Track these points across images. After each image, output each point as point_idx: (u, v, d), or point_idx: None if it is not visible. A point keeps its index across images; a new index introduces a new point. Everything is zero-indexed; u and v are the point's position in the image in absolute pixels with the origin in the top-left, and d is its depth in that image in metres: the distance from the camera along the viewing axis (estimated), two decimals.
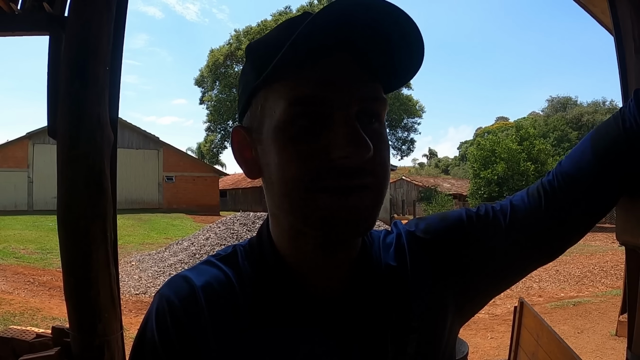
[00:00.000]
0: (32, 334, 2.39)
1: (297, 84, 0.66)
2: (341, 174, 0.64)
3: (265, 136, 0.70)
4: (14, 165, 28.33)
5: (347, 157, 0.63)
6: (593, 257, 13.93)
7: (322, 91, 0.65)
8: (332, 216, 0.65)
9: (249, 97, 0.73)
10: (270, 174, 0.70)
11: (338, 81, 0.66)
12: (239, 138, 0.76)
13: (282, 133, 0.67)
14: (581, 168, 0.80)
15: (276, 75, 0.67)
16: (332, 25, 0.63)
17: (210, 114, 44.37)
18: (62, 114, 2.01)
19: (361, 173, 0.65)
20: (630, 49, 1.77)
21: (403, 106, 42.55)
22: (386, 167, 0.69)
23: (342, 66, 0.67)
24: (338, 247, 0.73)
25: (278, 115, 0.67)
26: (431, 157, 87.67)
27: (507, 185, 27.19)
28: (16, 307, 7.68)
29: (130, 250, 14.42)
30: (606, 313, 7.81)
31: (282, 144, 0.67)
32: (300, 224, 0.69)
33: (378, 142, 0.67)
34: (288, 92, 0.66)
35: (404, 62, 0.70)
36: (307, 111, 0.66)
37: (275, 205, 0.72)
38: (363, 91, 0.67)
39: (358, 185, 0.65)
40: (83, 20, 2.01)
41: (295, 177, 0.66)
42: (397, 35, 0.67)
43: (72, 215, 2.01)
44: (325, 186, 0.65)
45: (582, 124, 45.70)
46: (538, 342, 3.11)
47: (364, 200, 0.66)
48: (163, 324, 0.72)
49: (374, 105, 0.68)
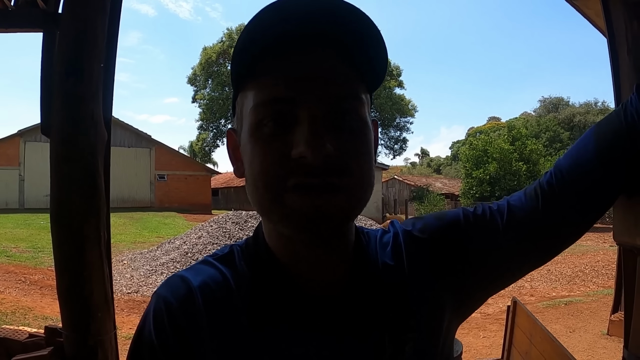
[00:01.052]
0: (24, 334, 2.37)
1: (265, 85, 0.67)
2: (303, 173, 0.64)
3: (243, 137, 0.72)
4: (5, 163, 28.08)
5: (303, 156, 0.63)
6: (584, 257, 14.03)
7: (287, 90, 0.66)
8: (300, 215, 0.65)
9: (233, 102, 0.77)
10: (247, 174, 0.71)
11: (304, 79, 0.66)
12: (232, 140, 0.79)
13: (253, 135, 0.68)
14: (581, 166, 0.81)
15: (242, 81, 0.70)
16: (298, 18, 0.64)
17: (203, 112, 44.25)
18: (55, 111, 2.00)
19: (328, 173, 0.64)
20: (622, 50, 1.77)
21: (395, 105, 42.49)
22: (362, 164, 0.68)
23: (310, 62, 0.67)
24: (319, 245, 0.73)
25: (249, 117, 0.69)
26: (423, 156, 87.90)
27: (499, 185, 27.34)
28: (7, 306, 7.61)
29: (122, 249, 14.33)
30: (597, 312, 7.85)
31: (252, 144, 0.68)
32: (273, 222, 0.71)
33: (353, 139, 0.67)
34: (256, 94, 0.68)
35: (379, 58, 0.71)
36: (274, 111, 0.66)
37: (253, 205, 0.72)
38: (334, 88, 0.67)
39: (325, 184, 0.64)
40: (77, 16, 1.99)
41: (263, 177, 0.67)
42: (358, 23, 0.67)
43: (66, 213, 1.99)
44: (291, 185, 0.65)
45: (574, 125, 45.98)
46: (531, 341, 3.12)
47: (335, 201, 0.65)
48: (160, 324, 0.72)
49: (346, 103, 0.68)
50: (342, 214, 0.67)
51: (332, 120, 0.66)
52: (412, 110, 46.41)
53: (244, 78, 0.70)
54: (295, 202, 0.65)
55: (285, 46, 0.66)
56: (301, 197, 0.64)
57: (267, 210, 0.69)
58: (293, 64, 0.66)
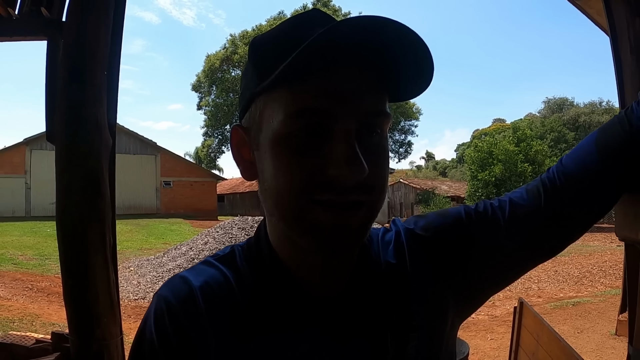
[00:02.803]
0: (31, 340, 2.38)
1: (299, 95, 0.64)
2: (337, 190, 0.63)
3: (263, 142, 0.69)
4: (11, 171, 28.25)
5: (343, 175, 0.63)
6: (592, 257, 13.95)
7: (324, 103, 0.63)
8: (325, 230, 0.65)
9: (249, 100, 0.72)
10: (265, 180, 0.69)
11: (342, 93, 0.64)
12: (238, 137, 0.76)
13: (280, 144, 0.66)
14: (585, 167, 0.80)
15: (272, 83, 0.65)
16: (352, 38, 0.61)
17: (208, 119, 44.36)
18: (60, 117, 2.01)
19: (357, 191, 0.64)
20: (625, 49, 1.77)
21: (400, 109, 42.53)
22: (384, 181, 0.68)
23: (347, 77, 0.65)
24: (339, 257, 0.73)
25: (277, 125, 0.66)
26: (429, 159, 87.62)
27: (504, 187, 27.21)
28: (15, 313, 7.64)
29: (129, 256, 14.37)
30: (605, 313, 7.80)
31: (279, 154, 0.66)
32: (294, 234, 0.69)
33: (378, 156, 0.67)
34: (288, 103, 0.64)
35: (413, 77, 0.69)
36: (307, 123, 0.64)
37: (269, 212, 0.72)
38: (367, 105, 0.65)
39: (353, 201, 0.64)
40: (81, 24, 2.01)
41: (291, 190, 0.65)
42: (409, 54, 0.65)
43: (71, 218, 2.00)
44: (320, 200, 0.64)
45: (579, 125, 45.75)
46: (538, 342, 3.11)
47: (358, 216, 0.65)
48: (161, 324, 0.72)
49: (377, 120, 0.67)
50: (364, 228, 0.67)
51: (363, 136, 0.65)
52: (417, 113, 46.47)
53: (277, 81, 0.64)
54: (321, 217, 0.64)
55: (330, 61, 0.63)
56: (327, 213, 0.64)
57: (290, 222, 0.68)
58: (332, 79, 0.64)
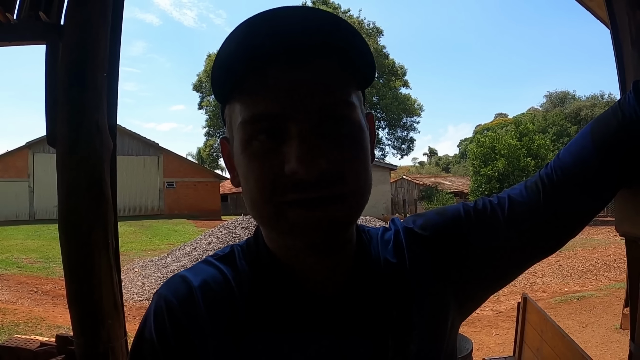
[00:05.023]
0: (36, 343, 2.39)
1: (249, 101, 0.66)
2: (299, 188, 0.63)
3: (235, 150, 0.71)
4: (14, 175, 28.30)
5: (296, 172, 0.62)
6: (596, 251, 13.90)
7: (274, 107, 0.64)
8: (300, 228, 0.65)
9: (222, 113, 0.75)
10: (242, 186, 0.71)
11: (289, 93, 0.64)
12: (225, 149, 0.78)
13: (244, 150, 0.67)
14: (582, 161, 0.80)
15: (228, 95, 0.69)
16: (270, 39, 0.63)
17: (210, 118, 44.38)
18: (60, 120, 2.02)
19: (321, 185, 0.63)
20: (626, 42, 1.77)
21: (402, 105, 42.36)
22: (357, 169, 0.67)
23: (291, 76, 0.65)
24: (322, 254, 0.73)
25: (239, 133, 0.68)
26: (431, 155, 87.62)
27: (507, 182, 27.14)
28: (20, 316, 7.67)
29: (133, 257, 14.38)
30: (610, 306, 7.79)
31: (244, 160, 0.68)
32: (275, 235, 0.71)
33: (348, 146, 0.66)
34: (242, 110, 0.67)
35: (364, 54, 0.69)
36: (263, 127, 0.65)
37: (252, 216, 0.72)
38: (319, 99, 0.65)
39: (323, 196, 0.64)
40: (79, 27, 2.01)
41: (261, 195, 0.66)
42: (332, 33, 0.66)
43: (73, 221, 2.01)
44: (289, 200, 0.64)
45: (581, 118, 45.66)
46: (542, 337, 3.11)
47: (331, 211, 0.65)
48: (161, 324, 0.73)
49: (336, 110, 0.66)
50: (340, 222, 0.67)
51: (324, 129, 0.65)
52: (419, 109, 46.25)
53: (231, 92, 0.68)
54: (294, 216, 0.65)
55: (269, 60, 0.64)
56: (299, 212, 0.64)
57: (267, 224, 0.69)
58: (277, 78, 0.64)
